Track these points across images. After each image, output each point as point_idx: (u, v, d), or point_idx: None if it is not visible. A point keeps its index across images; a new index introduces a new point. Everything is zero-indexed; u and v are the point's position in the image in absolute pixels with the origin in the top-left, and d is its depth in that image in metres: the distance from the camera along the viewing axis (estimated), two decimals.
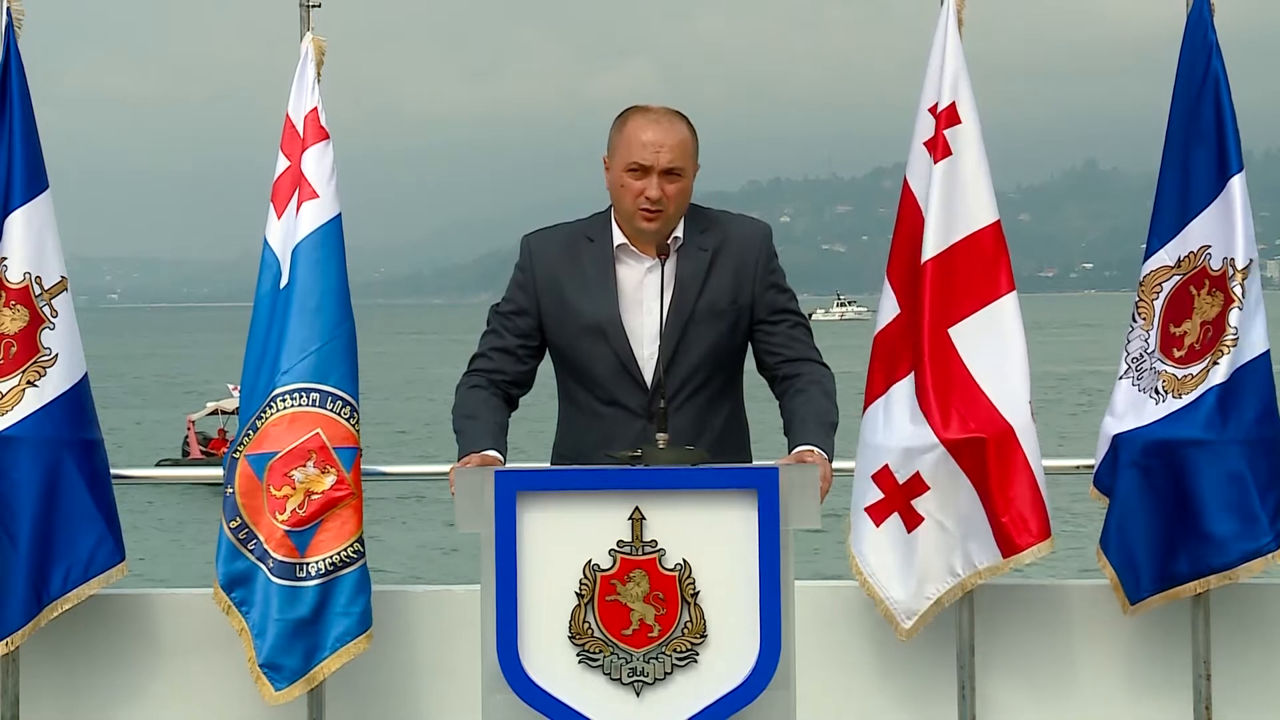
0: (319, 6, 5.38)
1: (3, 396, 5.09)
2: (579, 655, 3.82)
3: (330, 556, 5.05)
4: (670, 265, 4.40)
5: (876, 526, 5.13)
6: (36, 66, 5.46)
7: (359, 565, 5.08)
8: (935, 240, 5.12)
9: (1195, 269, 5.14)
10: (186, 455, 38.51)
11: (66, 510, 5.10)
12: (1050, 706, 5.32)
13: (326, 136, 5.26)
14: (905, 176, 5.26)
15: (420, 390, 58.73)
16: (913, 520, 5.07)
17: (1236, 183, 5.08)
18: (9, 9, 5.20)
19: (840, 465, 4.62)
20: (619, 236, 4.47)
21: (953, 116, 5.16)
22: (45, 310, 5.17)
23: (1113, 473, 5.13)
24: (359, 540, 5.09)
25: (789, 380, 4.46)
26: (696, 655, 3.82)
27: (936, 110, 5.18)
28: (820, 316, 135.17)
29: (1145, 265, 5.26)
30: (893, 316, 5.21)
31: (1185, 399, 5.03)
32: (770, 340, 4.51)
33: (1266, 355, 5.03)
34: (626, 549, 3.82)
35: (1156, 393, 5.12)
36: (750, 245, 4.50)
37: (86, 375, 5.23)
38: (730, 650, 3.81)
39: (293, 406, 5.09)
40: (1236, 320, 5.00)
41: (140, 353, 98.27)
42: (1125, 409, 5.18)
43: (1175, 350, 5.13)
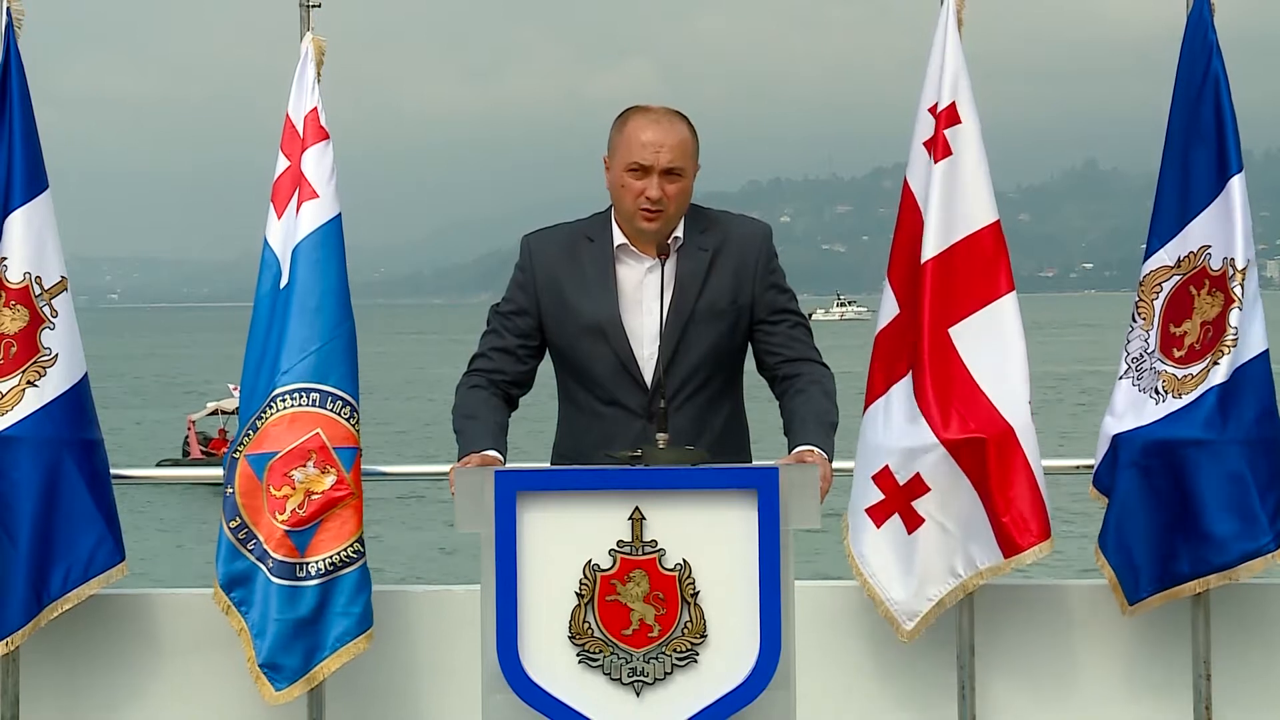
0: (319, 6, 5.38)
1: (3, 396, 5.08)
2: (579, 655, 3.82)
3: (330, 556, 5.05)
4: (670, 265, 4.39)
5: (877, 528, 5.12)
6: (36, 66, 5.46)
7: (359, 565, 5.07)
8: (935, 240, 5.12)
9: (1195, 269, 5.13)
10: (187, 455, 38.48)
11: (66, 510, 5.10)
12: (1050, 706, 5.32)
13: (326, 136, 5.26)
14: (905, 177, 5.26)
15: (420, 390, 58.71)
16: (913, 522, 5.07)
17: (1236, 183, 5.08)
18: (9, 9, 5.20)
19: (840, 465, 4.62)
20: (619, 236, 4.47)
21: (953, 116, 5.16)
22: (45, 310, 5.16)
23: (1112, 472, 5.13)
24: (359, 540, 5.09)
25: (789, 380, 4.45)
26: (696, 655, 3.82)
27: (936, 110, 5.18)
28: (820, 316, 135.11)
29: (1145, 265, 5.26)
30: (893, 316, 5.20)
31: (1185, 399, 5.03)
32: (770, 340, 4.50)
33: (1266, 355, 5.03)
34: (626, 549, 3.82)
35: (1156, 393, 5.11)
36: (750, 245, 4.49)
37: (86, 375, 5.22)
38: (730, 650, 3.81)
39: (293, 406, 5.09)
40: (1237, 320, 5.00)
41: (140, 353, 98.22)
42: (1125, 409, 5.18)
43: (1175, 350, 5.13)
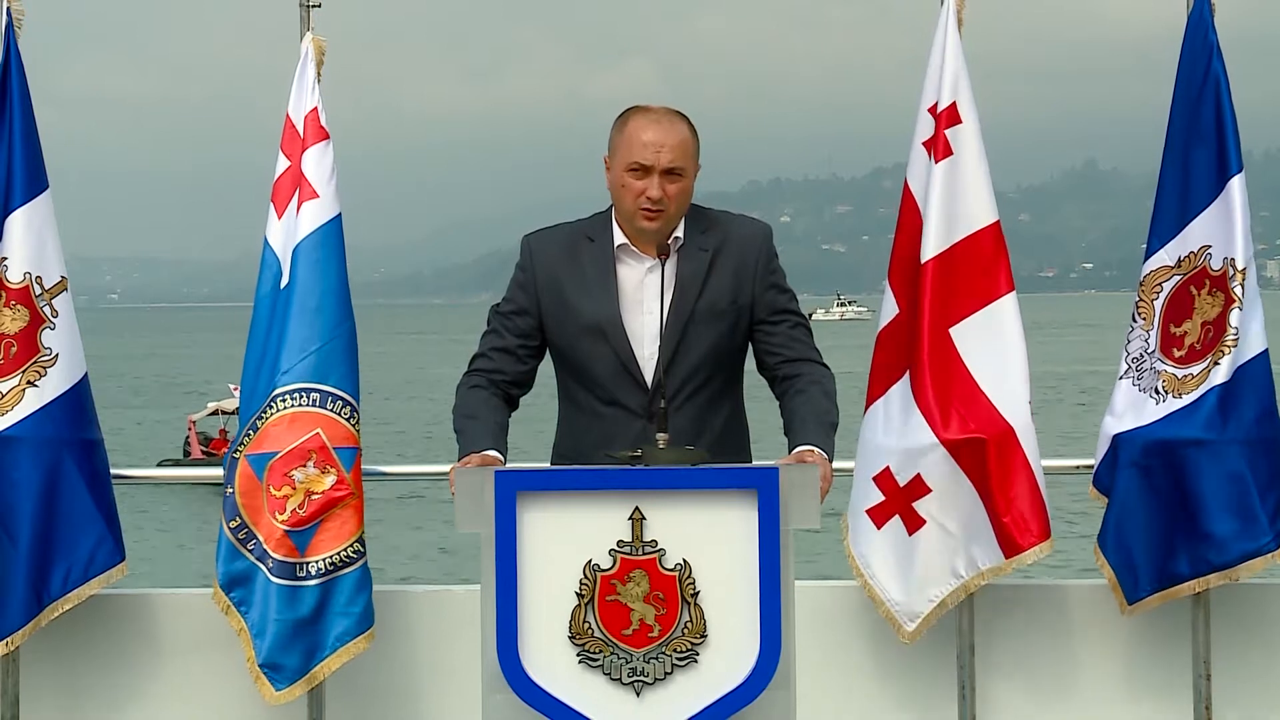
0: (319, 6, 5.38)
1: (3, 396, 5.08)
2: (579, 655, 3.82)
3: (330, 556, 5.05)
4: (670, 265, 4.39)
5: (878, 529, 5.12)
6: (36, 66, 5.46)
7: (359, 565, 5.07)
8: (935, 240, 5.12)
9: (1195, 269, 5.13)
10: (188, 455, 38.47)
11: (66, 510, 5.09)
12: (1050, 707, 5.32)
13: (326, 136, 5.25)
14: (905, 177, 5.26)
15: (420, 390, 58.70)
16: (914, 523, 5.07)
17: (1236, 183, 5.08)
18: (9, 9, 5.20)
19: (840, 465, 4.62)
20: (619, 236, 4.47)
21: (953, 116, 5.16)
22: (45, 310, 5.16)
23: (1112, 472, 5.13)
24: (359, 540, 5.08)
25: (789, 380, 4.45)
26: (696, 655, 3.82)
27: (936, 110, 5.18)
28: (820, 316, 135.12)
29: (1145, 265, 5.26)
30: (893, 316, 5.20)
31: (1185, 399, 5.03)
32: (770, 340, 4.50)
33: (1266, 355, 5.03)
34: (626, 549, 3.82)
35: (1157, 392, 5.11)
36: (750, 245, 4.49)
37: (86, 375, 5.22)
38: (730, 650, 3.81)
39: (293, 406, 5.09)
40: (1237, 320, 5.00)
41: (140, 353, 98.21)
42: (1125, 409, 5.17)
43: (1175, 350, 5.13)
